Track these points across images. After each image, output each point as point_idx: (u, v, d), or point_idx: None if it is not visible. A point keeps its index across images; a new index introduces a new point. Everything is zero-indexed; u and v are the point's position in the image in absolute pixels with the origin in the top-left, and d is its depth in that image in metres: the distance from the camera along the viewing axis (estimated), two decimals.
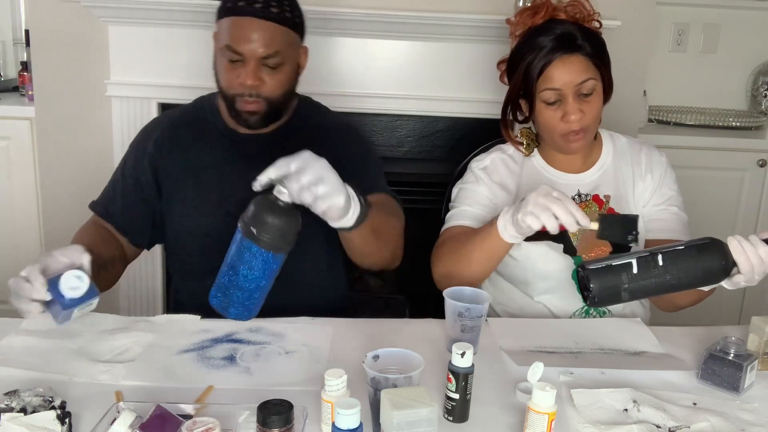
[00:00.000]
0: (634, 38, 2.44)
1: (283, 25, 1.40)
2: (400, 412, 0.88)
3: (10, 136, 2.62)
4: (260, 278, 1.17)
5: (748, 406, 1.13)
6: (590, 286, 1.14)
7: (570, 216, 1.21)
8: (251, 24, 1.37)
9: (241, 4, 1.38)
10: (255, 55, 1.38)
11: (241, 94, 1.42)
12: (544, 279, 1.52)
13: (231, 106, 1.45)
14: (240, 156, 1.51)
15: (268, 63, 1.40)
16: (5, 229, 2.67)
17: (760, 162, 2.72)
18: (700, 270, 1.15)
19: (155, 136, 1.56)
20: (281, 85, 1.44)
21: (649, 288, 1.15)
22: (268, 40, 1.38)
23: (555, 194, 1.23)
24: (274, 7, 1.39)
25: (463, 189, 1.58)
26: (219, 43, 1.43)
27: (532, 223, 1.24)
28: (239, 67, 1.40)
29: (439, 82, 2.49)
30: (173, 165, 1.54)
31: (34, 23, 2.46)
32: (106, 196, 1.60)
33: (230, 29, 1.39)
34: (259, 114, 1.44)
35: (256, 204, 1.15)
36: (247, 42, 1.37)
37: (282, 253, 1.17)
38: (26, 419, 0.94)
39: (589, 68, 1.44)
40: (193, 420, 0.92)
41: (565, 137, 1.47)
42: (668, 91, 2.99)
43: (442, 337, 1.30)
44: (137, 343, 1.26)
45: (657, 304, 1.52)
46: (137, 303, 2.58)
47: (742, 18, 2.96)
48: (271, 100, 1.44)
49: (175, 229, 1.56)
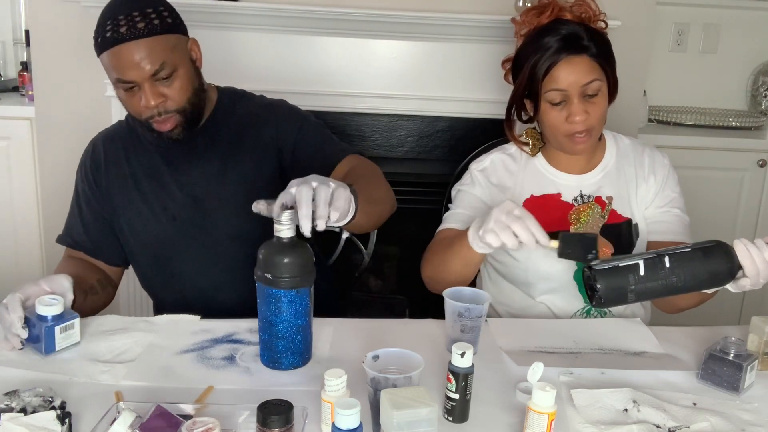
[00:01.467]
0: (634, 38, 2.44)
1: (155, 35, 1.36)
2: (400, 412, 0.88)
3: (10, 136, 2.62)
4: (296, 319, 1.16)
5: (748, 406, 1.13)
6: (597, 286, 1.14)
7: (529, 235, 1.21)
8: (127, 49, 1.34)
9: (108, 35, 1.34)
10: (144, 76, 1.35)
11: (151, 116, 1.40)
12: (545, 280, 1.52)
13: (150, 130, 1.43)
14: (174, 160, 1.51)
15: (160, 76, 1.37)
16: (5, 229, 2.67)
17: (760, 162, 2.72)
18: (706, 272, 1.15)
19: (91, 155, 1.57)
20: (184, 90, 1.41)
21: (656, 290, 1.15)
22: (148, 57, 1.34)
23: (516, 212, 1.22)
24: (140, 22, 1.34)
25: (460, 191, 1.58)
26: (110, 78, 1.40)
27: (491, 241, 1.23)
28: (137, 93, 1.38)
29: (439, 82, 2.49)
30: (113, 180, 1.54)
31: (34, 23, 2.47)
32: (69, 226, 1.60)
33: (111, 62, 1.36)
34: (178, 126, 1.42)
35: (262, 250, 1.15)
36: (131, 68, 1.34)
37: (306, 287, 1.16)
38: (26, 419, 0.94)
39: (594, 69, 1.44)
40: (193, 420, 0.92)
41: (570, 138, 1.46)
42: (668, 91, 2.99)
43: (442, 337, 1.30)
44: (137, 343, 1.26)
45: (658, 305, 1.52)
46: (137, 303, 2.58)
47: (742, 18, 2.96)
48: (182, 109, 1.41)
49: (128, 242, 1.55)
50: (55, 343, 1.20)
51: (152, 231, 1.52)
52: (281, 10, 2.29)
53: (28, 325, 1.19)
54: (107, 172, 1.54)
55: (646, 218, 1.55)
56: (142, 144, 1.53)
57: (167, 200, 1.51)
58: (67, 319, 1.21)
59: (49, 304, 1.19)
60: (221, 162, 1.51)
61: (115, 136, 1.58)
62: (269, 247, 1.14)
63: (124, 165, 1.53)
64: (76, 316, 1.23)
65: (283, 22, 2.34)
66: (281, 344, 1.17)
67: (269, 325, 1.16)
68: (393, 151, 2.69)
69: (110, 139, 1.58)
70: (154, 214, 1.51)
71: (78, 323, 1.23)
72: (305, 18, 2.35)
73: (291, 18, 2.33)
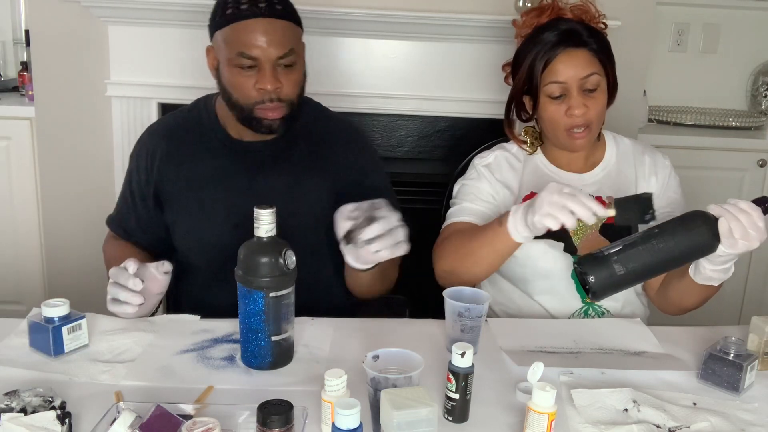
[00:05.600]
0: (634, 38, 2.44)
1: (290, 22, 1.36)
2: (400, 412, 0.88)
3: (10, 136, 2.62)
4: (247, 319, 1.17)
5: (748, 406, 1.13)
6: (589, 279, 1.14)
7: (587, 209, 1.20)
8: (260, 25, 1.31)
9: (243, 7, 1.31)
10: (270, 56, 1.32)
11: (261, 101, 1.35)
12: (543, 278, 1.52)
13: (249, 116, 1.38)
14: (245, 166, 1.47)
15: (283, 63, 1.34)
16: (5, 229, 2.67)
17: (760, 162, 2.71)
18: (687, 233, 1.17)
19: (152, 149, 1.52)
20: (298, 84, 1.39)
21: (647, 268, 1.16)
22: (280, 39, 1.32)
23: (567, 190, 1.22)
24: (278, 4, 1.34)
25: (466, 185, 1.57)
26: (225, 54, 1.35)
27: (550, 224, 1.22)
28: (254, 74, 1.34)
29: (439, 82, 2.49)
30: (175, 178, 1.49)
31: (34, 23, 2.46)
32: (120, 213, 1.58)
33: (239, 35, 1.32)
34: (282, 119, 1.38)
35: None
36: (259, 44, 1.31)
37: (257, 290, 1.15)
38: (26, 419, 0.94)
39: (594, 63, 1.44)
40: (193, 420, 0.92)
41: (569, 133, 1.46)
42: (668, 91, 2.99)
43: (442, 337, 1.30)
44: (137, 343, 1.26)
45: (663, 307, 1.51)
46: None
47: (742, 18, 2.96)
48: (290, 102, 1.38)
49: (181, 241, 1.53)
50: (63, 344, 1.19)
51: (211, 236, 1.48)
52: None
53: (34, 330, 1.19)
54: (169, 170, 1.49)
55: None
56: (211, 144, 1.48)
57: (232, 208, 1.45)
58: (73, 320, 1.21)
59: (55, 306, 1.18)
60: (294, 177, 1.47)
61: (179, 131, 1.51)
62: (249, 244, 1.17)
63: (188, 164, 1.48)
64: (83, 317, 1.22)
65: None
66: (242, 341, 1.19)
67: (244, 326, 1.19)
68: (393, 151, 2.69)
69: (174, 134, 1.51)
70: (216, 220, 1.47)
71: (85, 324, 1.23)
72: (305, 18, 2.33)
73: None
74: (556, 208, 1.21)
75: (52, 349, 1.18)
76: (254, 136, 1.45)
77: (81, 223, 2.54)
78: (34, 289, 2.68)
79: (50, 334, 1.18)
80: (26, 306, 1.38)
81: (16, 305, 2.64)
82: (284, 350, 1.20)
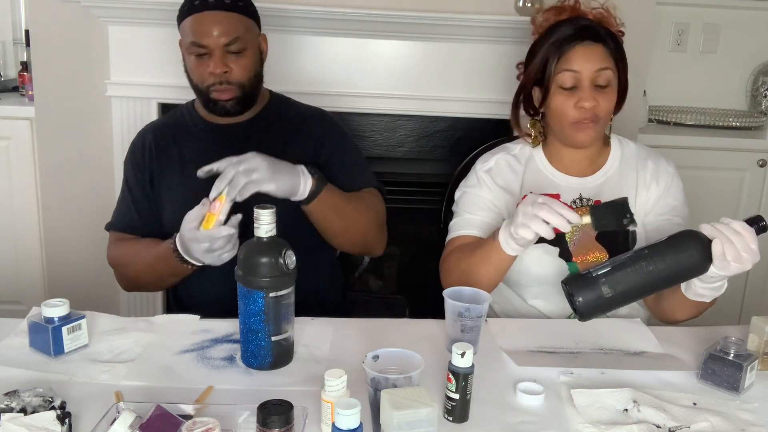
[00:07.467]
0: (634, 38, 2.42)
1: (237, 13, 1.51)
2: (400, 412, 0.88)
3: (10, 136, 2.62)
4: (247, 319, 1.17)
5: (748, 406, 1.13)
6: (575, 300, 1.15)
7: (558, 217, 1.22)
8: (209, 17, 1.48)
9: (197, 3, 1.49)
10: (218, 44, 1.48)
11: (213, 83, 1.51)
12: (538, 283, 1.51)
13: (207, 99, 1.54)
14: (223, 145, 1.53)
15: (231, 49, 1.50)
16: (5, 229, 2.67)
17: (760, 162, 2.71)
18: (678, 255, 1.16)
19: (141, 144, 1.64)
20: (248, 69, 1.53)
21: (636, 290, 1.16)
22: (226, 28, 1.48)
23: (540, 200, 1.24)
24: None
25: (466, 193, 1.57)
26: (184, 44, 1.54)
27: (525, 234, 1.25)
28: (206, 60, 1.50)
29: (439, 82, 2.49)
30: (161, 165, 1.60)
31: (34, 23, 2.46)
32: (121, 213, 1.63)
33: (192, 27, 1.50)
34: (233, 99, 1.53)
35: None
36: (208, 34, 1.48)
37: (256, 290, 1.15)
38: (26, 419, 0.94)
39: (608, 59, 1.46)
40: (193, 420, 0.92)
41: (576, 125, 1.46)
42: (668, 91, 2.99)
43: (442, 337, 1.30)
44: (137, 343, 1.26)
45: (657, 316, 1.49)
46: (137, 303, 2.58)
47: (742, 18, 2.96)
48: (241, 85, 1.53)
49: (170, 225, 1.56)
50: (63, 344, 1.20)
51: None
52: (281, 10, 2.29)
53: (34, 330, 1.19)
54: (156, 158, 1.60)
55: (645, 225, 1.53)
56: (191, 132, 1.62)
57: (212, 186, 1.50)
58: (73, 320, 1.21)
59: (54, 306, 1.19)
60: (273, 155, 1.50)
61: (164, 125, 1.69)
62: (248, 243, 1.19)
63: (172, 148, 1.61)
64: (83, 317, 1.23)
65: (282, 21, 2.33)
66: (242, 341, 1.20)
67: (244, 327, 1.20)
68: (393, 151, 2.69)
69: (159, 126, 1.68)
70: (197, 200, 1.48)
71: (85, 324, 1.23)
72: (305, 18, 2.34)
73: (291, 18, 2.33)
74: (528, 218, 1.24)
75: (52, 349, 1.18)
76: (226, 120, 1.59)
77: (81, 222, 2.54)
78: (34, 289, 2.68)
79: (50, 334, 1.18)
80: (26, 306, 1.38)
81: (16, 305, 2.64)
82: (284, 350, 1.20)
